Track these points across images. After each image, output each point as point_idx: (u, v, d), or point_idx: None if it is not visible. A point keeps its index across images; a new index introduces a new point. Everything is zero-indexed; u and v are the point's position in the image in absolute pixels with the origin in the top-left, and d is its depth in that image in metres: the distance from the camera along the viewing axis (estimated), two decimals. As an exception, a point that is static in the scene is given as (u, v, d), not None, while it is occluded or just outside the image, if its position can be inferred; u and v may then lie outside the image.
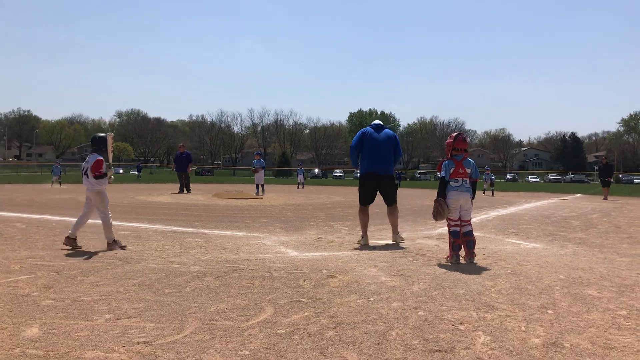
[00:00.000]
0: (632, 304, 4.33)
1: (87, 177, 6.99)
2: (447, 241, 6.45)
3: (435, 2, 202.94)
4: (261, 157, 23.49)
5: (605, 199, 23.31)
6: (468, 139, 6.63)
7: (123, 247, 6.88)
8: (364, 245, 7.52)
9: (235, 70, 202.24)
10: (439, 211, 6.29)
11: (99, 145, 7.16)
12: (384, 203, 8.08)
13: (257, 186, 21.80)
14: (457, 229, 6.28)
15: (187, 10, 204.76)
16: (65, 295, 4.30)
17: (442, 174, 6.40)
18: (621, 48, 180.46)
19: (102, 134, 7.32)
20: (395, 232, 7.91)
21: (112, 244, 6.84)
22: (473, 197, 6.44)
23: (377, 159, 7.76)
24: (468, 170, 6.39)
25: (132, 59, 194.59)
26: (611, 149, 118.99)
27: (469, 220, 6.40)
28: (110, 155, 7.28)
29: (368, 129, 7.96)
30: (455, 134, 6.67)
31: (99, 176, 6.93)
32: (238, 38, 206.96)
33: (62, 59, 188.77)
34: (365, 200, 7.96)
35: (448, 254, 6.31)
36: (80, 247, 6.85)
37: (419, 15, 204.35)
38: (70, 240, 6.85)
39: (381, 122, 8.03)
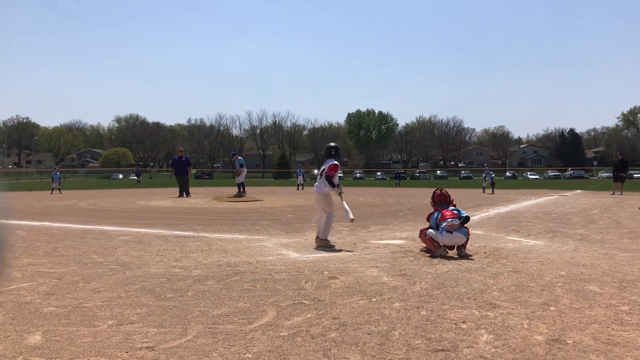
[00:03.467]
0: (634, 299, 4.33)
1: (321, 177, 7.66)
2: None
3: (433, 1, 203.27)
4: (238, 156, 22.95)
5: (621, 194, 22.88)
6: (447, 192, 7.10)
7: (332, 247, 7.43)
8: None
9: (233, 73, 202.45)
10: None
11: (330, 152, 7.78)
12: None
13: (240, 186, 20.88)
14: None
15: (182, 13, 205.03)
16: (67, 302, 4.30)
17: (430, 225, 6.83)
18: (619, 43, 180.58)
19: (334, 144, 7.92)
20: None
21: (324, 241, 7.50)
22: (466, 237, 6.59)
23: None
24: (455, 212, 6.71)
25: (130, 63, 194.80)
26: (610, 144, 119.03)
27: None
28: None
29: None
30: (435, 189, 7.20)
31: (331, 177, 7.52)
32: (234, 40, 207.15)
33: (59, 65, 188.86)
34: None
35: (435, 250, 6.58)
36: (333, 246, 7.48)
37: (416, 14, 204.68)
38: (323, 242, 7.51)
39: None
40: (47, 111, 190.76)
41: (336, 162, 7.59)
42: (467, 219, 6.65)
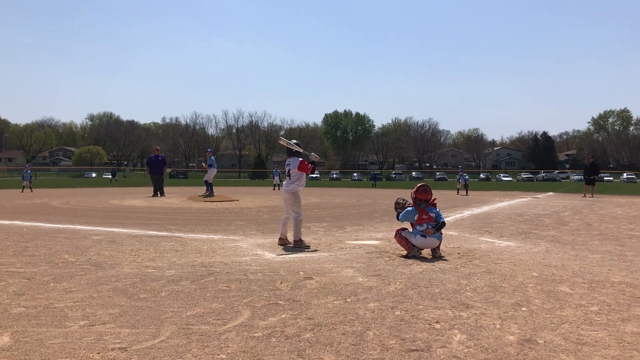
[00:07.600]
0: (603, 299, 4.42)
1: (289, 178, 7.64)
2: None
3: (410, 4, 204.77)
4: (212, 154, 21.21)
5: (592, 196, 23.62)
6: (430, 191, 6.84)
7: (307, 247, 7.41)
8: None
9: (209, 72, 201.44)
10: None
11: (290, 150, 7.75)
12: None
13: (208, 185, 20.05)
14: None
15: (159, 11, 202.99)
16: (38, 302, 4.22)
17: (400, 215, 6.83)
18: (590, 49, 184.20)
19: (295, 141, 7.91)
20: None
21: (298, 242, 7.45)
22: (440, 240, 6.65)
23: None
24: (432, 215, 6.64)
25: (103, 60, 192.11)
26: (582, 148, 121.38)
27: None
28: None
29: None
30: (419, 184, 6.92)
31: (312, 170, 7.58)
32: (210, 39, 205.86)
33: (30, 62, 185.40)
34: None
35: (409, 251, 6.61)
36: (309, 247, 7.48)
37: (393, 17, 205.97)
38: (298, 243, 7.47)
39: None
40: (18, 108, 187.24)
41: (301, 159, 7.62)
42: (443, 224, 6.70)
